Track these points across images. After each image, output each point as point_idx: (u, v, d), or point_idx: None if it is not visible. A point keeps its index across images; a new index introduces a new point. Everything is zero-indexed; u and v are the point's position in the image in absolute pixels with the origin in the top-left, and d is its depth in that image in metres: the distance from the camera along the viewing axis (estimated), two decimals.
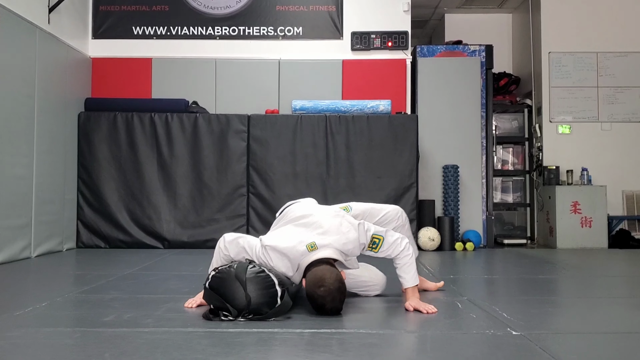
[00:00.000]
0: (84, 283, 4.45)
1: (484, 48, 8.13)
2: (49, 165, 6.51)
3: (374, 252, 3.40)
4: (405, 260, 3.40)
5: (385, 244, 3.39)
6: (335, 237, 3.29)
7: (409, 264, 3.41)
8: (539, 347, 2.53)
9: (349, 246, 3.31)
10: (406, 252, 3.41)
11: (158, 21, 7.96)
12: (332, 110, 7.45)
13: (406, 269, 3.41)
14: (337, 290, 3.09)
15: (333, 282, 3.08)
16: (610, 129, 8.58)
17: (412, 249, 3.46)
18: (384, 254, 3.41)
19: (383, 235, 3.39)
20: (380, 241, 3.38)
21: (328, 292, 3.07)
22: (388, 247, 3.39)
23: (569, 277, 5.35)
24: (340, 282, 3.11)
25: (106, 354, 2.38)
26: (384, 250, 3.39)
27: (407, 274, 3.41)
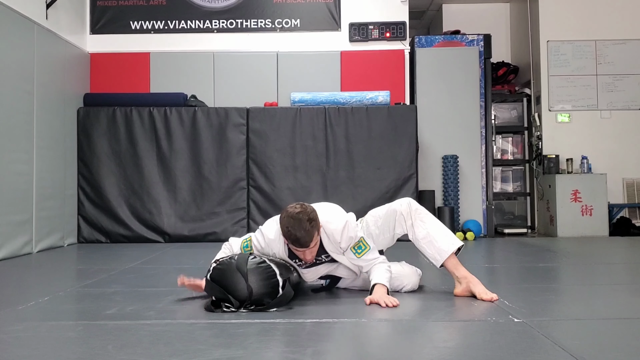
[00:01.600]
0: (86, 277, 4.46)
1: (482, 38, 8.12)
2: (49, 161, 6.51)
3: (356, 256, 3.37)
4: (378, 266, 3.38)
5: (369, 255, 3.38)
6: (323, 212, 3.29)
7: (381, 267, 3.38)
8: (541, 334, 2.54)
9: (332, 225, 3.28)
10: (383, 265, 3.40)
11: (155, 15, 7.94)
12: (331, 102, 7.44)
13: (377, 269, 3.37)
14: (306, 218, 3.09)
15: (300, 212, 3.10)
16: (609, 116, 8.57)
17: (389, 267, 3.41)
18: (365, 263, 3.38)
19: (371, 247, 3.39)
20: (366, 248, 3.38)
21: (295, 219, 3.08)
22: (371, 258, 3.38)
23: (570, 265, 5.36)
24: (310, 214, 3.11)
25: (109, 346, 2.39)
26: (365, 259, 3.37)
27: (375, 273, 3.36)
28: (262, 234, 3.36)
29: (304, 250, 3.17)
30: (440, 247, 3.41)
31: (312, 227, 3.12)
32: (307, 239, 3.12)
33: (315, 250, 3.24)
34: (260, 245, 3.37)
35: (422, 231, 3.43)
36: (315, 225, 3.15)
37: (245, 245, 3.44)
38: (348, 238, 3.33)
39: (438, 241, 3.42)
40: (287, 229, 3.11)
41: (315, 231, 3.16)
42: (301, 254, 3.21)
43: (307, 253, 3.20)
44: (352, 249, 3.37)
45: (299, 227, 3.08)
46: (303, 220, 3.09)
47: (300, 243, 3.12)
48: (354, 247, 3.37)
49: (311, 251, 3.21)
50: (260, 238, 3.37)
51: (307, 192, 7.28)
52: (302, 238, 3.10)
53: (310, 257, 3.22)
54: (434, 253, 3.42)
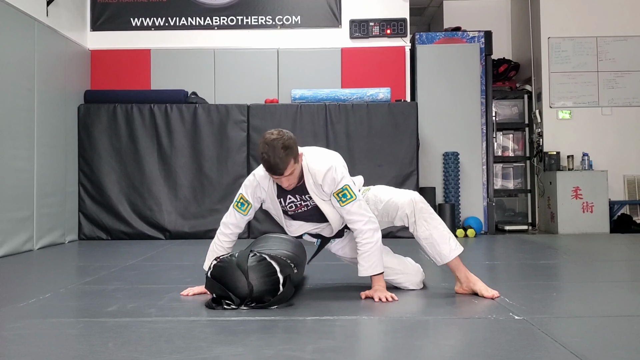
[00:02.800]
0: (87, 274, 4.47)
1: (483, 34, 8.11)
2: (50, 158, 6.51)
3: (340, 204, 3.27)
4: (367, 248, 3.28)
5: (354, 206, 3.28)
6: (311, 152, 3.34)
7: (369, 253, 3.28)
8: (542, 331, 2.54)
9: (315, 166, 3.26)
10: (370, 239, 3.28)
11: (156, 12, 7.93)
12: (332, 99, 7.44)
13: (366, 257, 3.29)
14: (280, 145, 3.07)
15: (276, 138, 3.09)
16: (610, 113, 8.56)
17: (377, 238, 3.30)
18: (348, 215, 3.29)
19: (357, 197, 3.29)
20: (351, 197, 3.28)
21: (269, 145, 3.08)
22: (356, 209, 3.28)
23: (571, 262, 5.36)
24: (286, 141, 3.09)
25: (110, 344, 2.39)
26: (348, 209, 3.27)
27: (367, 262, 3.29)
28: (253, 175, 3.39)
29: (280, 177, 3.16)
30: (442, 252, 3.38)
31: (287, 155, 3.09)
32: (281, 166, 3.09)
33: (292, 179, 3.20)
34: (252, 186, 3.37)
35: (424, 231, 3.39)
36: (290, 153, 3.11)
37: (239, 204, 3.40)
38: (331, 180, 3.25)
39: (440, 245, 3.38)
40: (262, 155, 3.11)
41: (291, 159, 3.11)
42: (278, 182, 3.23)
43: (283, 181, 3.19)
44: (335, 195, 3.28)
45: (273, 154, 3.06)
46: (277, 147, 3.07)
47: (274, 170, 3.10)
48: (337, 194, 3.27)
49: (287, 179, 3.17)
50: (251, 180, 3.38)
51: None
52: (275, 165, 3.08)
53: (287, 184, 3.20)
54: (434, 254, 3.41)
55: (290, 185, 3.24)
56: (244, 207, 3.41)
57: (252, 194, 3.39)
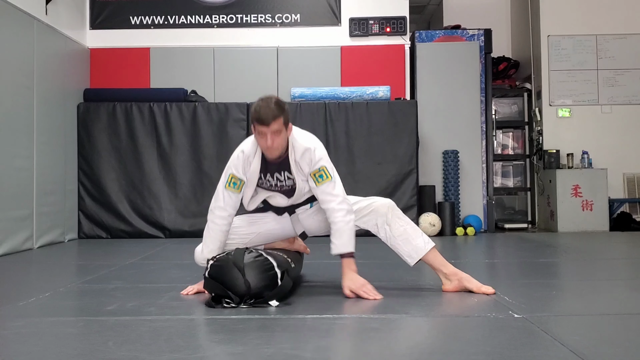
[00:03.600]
0: (87, 273, 4.47)
1: (482, 32, 8.10)
2: (49, 156, 6.51)
3: (316, 184, 3.31)
4: (339, 226, 3.28)
5: (329, 186, 3.30)
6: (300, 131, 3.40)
7: (342, 231, 3.28)
8: (541, 330, 2.54)
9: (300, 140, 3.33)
10: (343, 218, 3.28)
11: (155, 10, 7.92)
12: (331, 98, 7.43)
13: (340, 233, 3.28)
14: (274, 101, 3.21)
15: (270, 96, 3.26)
16: (610, 111, 8.56)
17: (350, 219, 3.30)
18: (322, 195, 3.31)
19: (333, 178, 3.32)
20: (327, 178, 3.31)
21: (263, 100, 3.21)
22: (330, 190, 3.30)
23: (571, 260, 5.36)
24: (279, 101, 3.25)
25: (110, 342, 2.39)
26: (323, 189, 3.30)
27: (339, 239, 3.28)
28: (241, 151, 3.37)
29: (266, 131, 3.17)
30: (417, 245, 3.39)
31: (278, 109, 3.18)
32: (270, 115, 3.15)
33: (278, 141, 3.21)
34: (241, 162, 3.35)
35: (399, 228, 3.39)
36: (281, 110, 3.20)
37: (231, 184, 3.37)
38: (309, 159, 3.30)
39: (414, 239, 3.40)
40: (254, 108, 3.21)
41: (281, 116, 3.18)
42: (264, 141, 3.20)
43: (268, 137, 3.18)
44: (312, 175, 3.31)
45: (265, 105, 3.17)
46: (270, 101, 3.20)
47: (262, 119, 3.15)
48: (314, 175, 3.31)
49: (273, 136, 3.19)
50: (238, 156, 3.36)
51: None
52: (265, 114, 3.15)
53: (270, 143, 3.19)
54: (410, 251, 3.39)
55: (274, 150, 3.24)
56: (236, 185, 3.38)
57: (242, 169, 3.36)
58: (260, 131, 3.19)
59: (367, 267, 4.59)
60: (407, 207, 7.28)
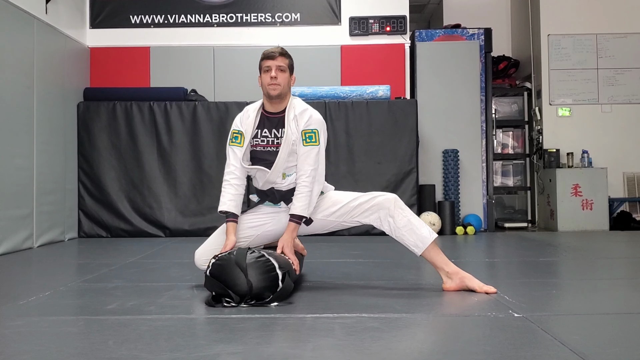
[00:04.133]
0: (87, 272, 4.47)
1: (482, 31, 8.10)
2: (49, 155, 6.51)
3: (303, 143, 3.40)
4: (304, 190, 3.38)
5: (313, 151, 3.41)
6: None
7: (304, 195, 3.38)
8: (541, 329, 2.54)
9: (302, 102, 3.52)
10: (310, 185, 3.39)
11: (155, 9, 7.92)
12: (331, 97, 7.43)
13: (303, 197, 3.38)
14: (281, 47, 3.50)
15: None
16: (610, 110, 8.56)
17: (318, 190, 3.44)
18: (303, 155, 3.39)
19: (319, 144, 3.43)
20: (315, 142, 3.42)
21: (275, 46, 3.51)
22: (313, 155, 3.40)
23: (570, 259, 5.36)
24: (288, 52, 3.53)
25: (110, 342, 2.39)
26: (307, 151, 3.39)
27: (300, 202, 3.38)
28: (245, 110, 3.61)
29: (272, 65, 3.41)
30: (423, 235, 3.42)
31: (285, 52, 3.48)
32: (277, 51, 3.43)
33: (282, 78, 3.41)
34: (240, 116, 3.59)
35: (402, 219, 3.45)
36: (288, 54, 3.50)
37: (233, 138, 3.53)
38: (308, 117, 3.43)
39: (419, 228, 3.44)
40: (263, 52, 3.48)
41: (287, 57, 3.48)
42: (268, 76, 3.41)
43: (273, 70, 3.40)
44: (303, 133, 3.40)
45: (276, 48, 3.47)
46: (282, 48, 3.50)
47: (270, 53, 3.43)
48: (305, 133, 3.40)
49: (277, 70, 3.40)
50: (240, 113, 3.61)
51: None
52: (272, 50, 3.44)
53: (275, 75, 3.39)
54: (416, 240, 3.42)
55: (277, 85, 3.40)
56: (238, 139, 3.52)
57: (240, 122, 3.55)
58: (266, 66, 3.42)
59: (367, 266, 4.60)
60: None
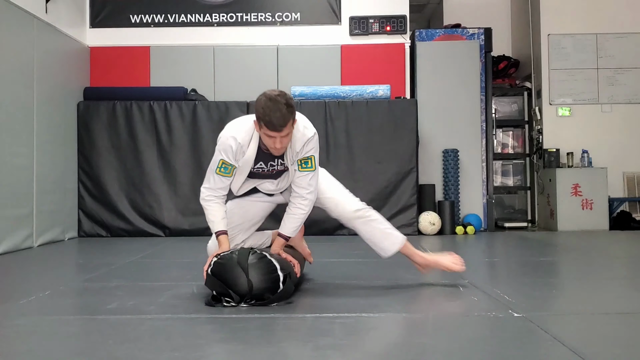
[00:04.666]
0: (87, 271, 4.47)
1: (483, 31, 8.10)
2: (50, 155, 6.51)
3: (299, 168, 3.33)
4: (299, 213, 3.40)
5: (308, 176, 3.36)
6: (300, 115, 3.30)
7: (298, 217, 3.41)
8: (541, 329, 2.54)
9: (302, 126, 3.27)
10: (305, 207, 3.41)
11: (155, 9, 7.92)
12: (332, 96, 7.43)
13: (295, 219, 3.41)
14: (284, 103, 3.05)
15: (279, 95, 3.09)
16: (610, 110, 8.56)
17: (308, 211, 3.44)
18: (299, 179, 3.35)
19: (315, 169, 3.37)
20: (311, 167, 3.35)
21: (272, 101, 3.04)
22: (308, 179, 3.36)
23: (570, 259, 5.36)
24: (288, 100, 3.08)
25: (110, 341, 2.39)
26: (303, 176, 3.35)
27: (291, 224, 3.41)
28: (233, 138, 3.26)
29: (276, 135, 3.08)
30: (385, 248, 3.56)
31: (289, 112, 3.07)
32: (282, 122, 3.04)
33: (286, 142, 3.16)
34: (233, 150, 3.27)
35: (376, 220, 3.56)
36: (292, 111, 3.09)
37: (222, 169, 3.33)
38: (306, 148, 3.29)
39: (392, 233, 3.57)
40: (263, 110, 3.05)
41: (291, 119, 3.10)
42: (272, 142, 3.11)
43: (277, 141, 3.10)
44: (299, 160, 3.32)
45: (276, 109, 3.02)
46: (281, 103, 3.04)
47: (274, 125, 3.03)
48: (301, 160, 3.32)
49: (282, 140, 3.12)
50: (230, 143, 3.27)
51: None
52: (277, 120, 3.03)
53: (280, 145, 3.13)
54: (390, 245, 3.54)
55: (282, 149, 3.19)
56: (227, 170, 3.33)
57: (233, 157, 3.29)
58: (270, 135, 3.10)
59: (367, 266, 4.60)
60: (407, 205, 7.29)
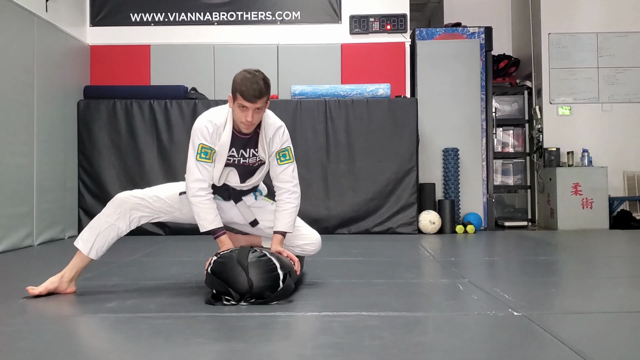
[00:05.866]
0: (86, 270, 4.45)
1: (483, 30, 8.09)
2: (50, 153, 6.51)
3: (278, 162, 3.42)
4: (289, 207, 3.44)
5: (289, 168, 3.45)
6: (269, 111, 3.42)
7: (290, 211, 3.44)
8: (541, 328, 2.55)
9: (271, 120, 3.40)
10: (294, 201, 3.46)
11: (156, 7, 7.92)
12: (332, 95, 7.43)
13: (288, 214, 3.43)
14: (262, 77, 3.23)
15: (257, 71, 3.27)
16: (610, 109, 8.55)
17: (298, 203, 3.49)
18: (282, 174, 3.44)
19: (293, 161, 3.47)
20: (290, 159, 3.45)
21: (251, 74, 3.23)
22: (290, 172, 3.45)
23: (570, 258, 5.37)
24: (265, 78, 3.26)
25: (109, 340, 2.39)
26: (284, 169, 3.43)
27: (286, 219, 3.43)
28: (209, 121, 3.33)
29: (250, 107, 3.18)
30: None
31: (265, 87, 3.21)
32: (258, 93, 3.16)
33: (257, 118, 3.25)
34: (209, 132, 3.31)
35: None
36: (267, 88, 3.23)
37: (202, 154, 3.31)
38: (280, 138, 3.40)
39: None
40: (241, 81, 3.21)
41: (266, 95, 3.22)
42: (244, 115, 3.21)
43: (249, 113, 3.20)
44: (277, 153, 3.41)
45: (254, 81, 3.18)
46: (259, 77, 3.22)
47: (250, 95, 3.15)
48: (279, 153, 3.42)
49: (254, 114, 3.21)
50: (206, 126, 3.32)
51: (308, 184, 7.27)
52: (253, 90, 3.16)
53: (251, 119, 3.21)
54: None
55: (251, 125, 3.27)
56: (207, 154, 3.32)
57: (210, 140, 3.32)
58: (244, 105, 3.20)
59: (367, 265, 4.60)
60: (407, 204, 7.28)
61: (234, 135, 3.33)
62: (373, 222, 7.27)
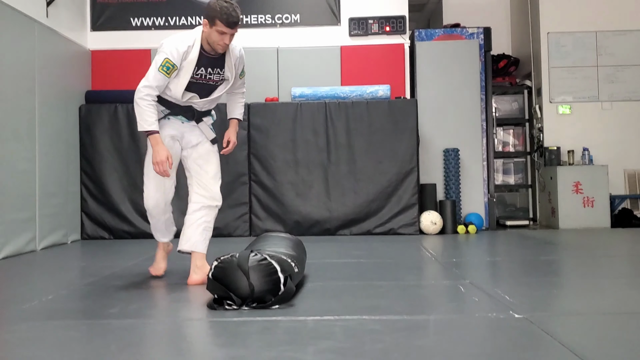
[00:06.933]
0: (89, 275, 4.49)
1: (482, 30, 8.10)
2: (52, 158, 6.53)
3: (240, 77, 4.05)
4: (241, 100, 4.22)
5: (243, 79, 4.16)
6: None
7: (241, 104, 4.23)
8: (542, 330, 2.56)
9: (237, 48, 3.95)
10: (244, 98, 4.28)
11: (156, 12, 7.94)
12: (332, 97, 7.45)
13: (240, 106, 4.22)
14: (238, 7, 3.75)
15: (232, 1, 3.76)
16: (610, 108, 8.56)
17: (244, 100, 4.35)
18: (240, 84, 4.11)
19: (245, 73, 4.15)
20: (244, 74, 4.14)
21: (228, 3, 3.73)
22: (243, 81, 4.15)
23: (572, 257, 5.37)
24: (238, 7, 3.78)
25: (112, 346, 2.41)
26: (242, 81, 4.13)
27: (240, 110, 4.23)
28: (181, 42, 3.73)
29: (228, 33, 3.68)
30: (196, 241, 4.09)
31: (240, 16, 3.76)
32: (237, 20, 3.69)
33: (230, 42, 3.76)
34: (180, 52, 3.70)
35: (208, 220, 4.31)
36: (240, 17, 3.78)
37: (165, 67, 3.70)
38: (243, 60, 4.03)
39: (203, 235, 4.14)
40: (221, 9, 3.66)
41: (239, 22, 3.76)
42: (221, 39, 3.68)
43: (227, 37, 3.70)
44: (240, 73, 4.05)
45: (232, 9, 3.68)
46: (235, 6, 3.73)
47: (230, 22, 3.66)
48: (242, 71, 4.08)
49: (230, 38, 3.73)
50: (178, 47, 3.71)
51: (309, 186, 7.30)
52: (234, 18, 3.67)
53: (227, 42, 3.71)
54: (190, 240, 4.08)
55: (226, 47, 3.76)
56: (169, 70, 3.72)
57: (178, 59, 3.70)
58: (224, 32, 3.66)
59: (368, 267, 4.61)
60: (408, 205, 7.30)
61: (202, 55, 3.77)
62: (374, 223, 7.28)
